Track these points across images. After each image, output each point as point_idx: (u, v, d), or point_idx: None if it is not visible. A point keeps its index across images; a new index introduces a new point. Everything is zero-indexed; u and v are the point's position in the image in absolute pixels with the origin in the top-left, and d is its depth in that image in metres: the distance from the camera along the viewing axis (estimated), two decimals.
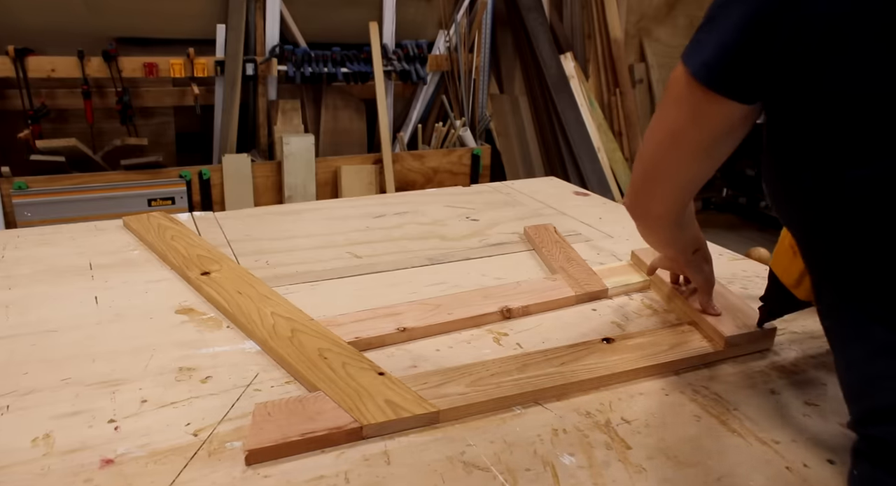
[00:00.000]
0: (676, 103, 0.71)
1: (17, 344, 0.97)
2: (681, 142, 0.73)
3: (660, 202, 0.83)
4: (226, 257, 1.26)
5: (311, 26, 3.29)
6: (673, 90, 0.70)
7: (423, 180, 3.50)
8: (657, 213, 0.85)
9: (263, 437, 0.74)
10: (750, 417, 0.83)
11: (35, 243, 1.36)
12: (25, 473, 0.71)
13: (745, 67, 0.64)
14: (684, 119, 0.71)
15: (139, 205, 2.93)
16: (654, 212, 0.85)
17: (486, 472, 0.73)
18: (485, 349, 0.98)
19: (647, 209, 0.85)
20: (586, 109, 3.80)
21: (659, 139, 0.76)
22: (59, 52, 2.85)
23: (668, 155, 0.75)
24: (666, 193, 0.81)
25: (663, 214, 0.85)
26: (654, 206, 0.84)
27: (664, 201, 0.82)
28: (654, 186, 0.81)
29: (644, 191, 0.82)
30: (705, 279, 1.01)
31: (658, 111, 0.75)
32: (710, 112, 0.68)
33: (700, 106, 0.68)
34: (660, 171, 0.78)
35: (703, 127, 0.70)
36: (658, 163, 0.78)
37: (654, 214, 0.85)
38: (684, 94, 0.68)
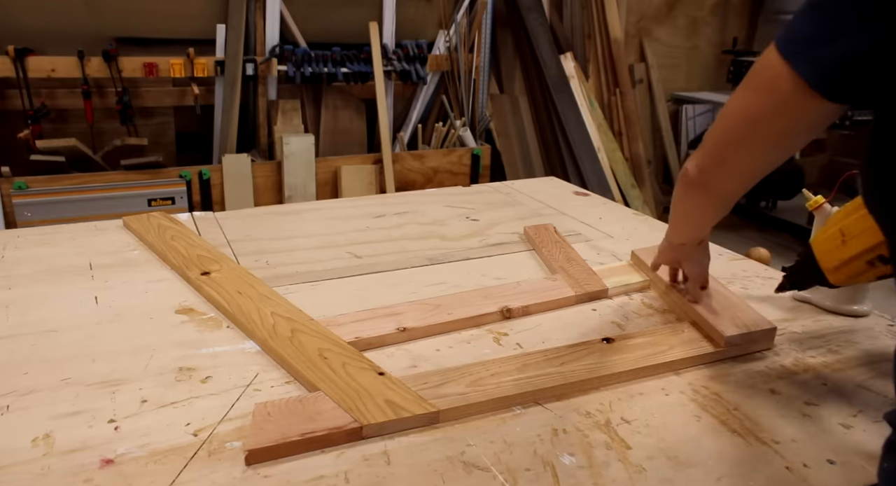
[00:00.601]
0: (769, 94, 0.67)
1: (17, 344, 0.96)
2: (760, 130, 0.71)
3: (727, 180, 0.81)
4: (226, 257, 1.26)
5: (311, 26, 3.29)
6: (765, 79, 0.67)
7: (423, 180, 3.50)
8: (720, 189, 0.83)
9: (263, 437, 0.74)
10: (750, 417, 0.83)
11: (35, 242, 1.36)
12: (25, 473, 0.71)
13: (866, 78, 0.60)
14: (771, 111, 0.68)
15: (139, 205, 2.93)
16: (718, 188, 0.83)
17: (486, 472, 0.73)
18: (485, 349, 0.98)
19: (712, 184, 0.83)
20: (586, 109, 3.80)
21: (737, 122, 0.73)
22: (59, 52, 2.85)
23: (743, 140, 0.74)
24: (735, 173, 0.79)
25: (726, 193, 0.83)
26: (719, 182, 0.82)
27: (731, 181, 0.81)
28: (724, 165, 0.79)
29: (713, 167, 0.80)
30: (700, 271, 1.03)
31: (740, 94, 0.72)
32: (808, 111, 0.65)
33: (798, 104, 0.65)
34: (733, 152, 0.76)
35: (791, 122, 0.68)
36: (733, 144, 0.75)
37: (717, 189, 0.83)
38: (784, 89, 0.65)
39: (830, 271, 0.97)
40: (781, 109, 0.67)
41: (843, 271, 0.95)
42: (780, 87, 0.65)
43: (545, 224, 1.46)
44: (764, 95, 0.68)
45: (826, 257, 0.97)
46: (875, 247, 0.91)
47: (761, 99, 0.69)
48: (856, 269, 0.94)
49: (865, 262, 0.93)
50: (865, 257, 0.92)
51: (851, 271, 0.95)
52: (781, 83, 0.65)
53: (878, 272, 0.93)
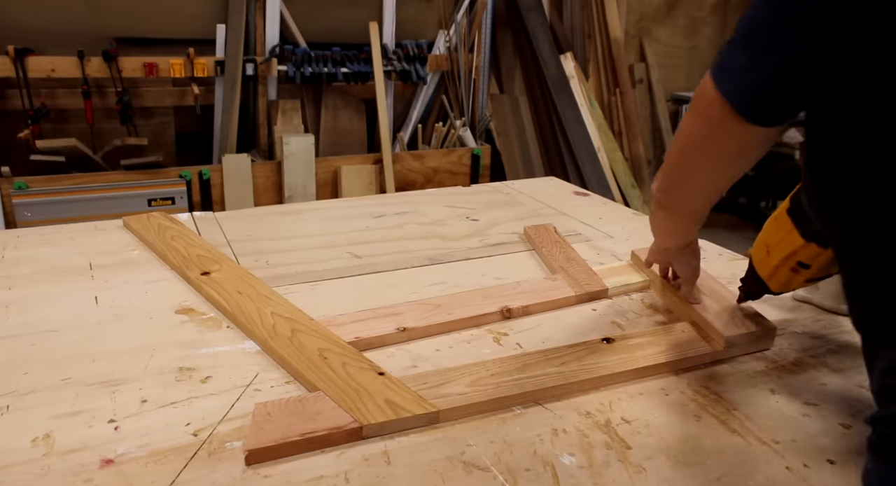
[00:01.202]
0: (705, 119, 0.70)
1: (17, 344, 0.96)
2: (707, 152, 0.74)
3: (689, 198, 0.86)
4: (226, 257, 1.26)
5: (311, 26, 3.29)
6: (702, 105, 0.70)
7: (423, 180, 3.50)
8: (686, 207, 0.88)
9: (263, 437, 0.74)
10: (750, 417, 0.83)
11: (35, 242, 1.36)
12: (25, 473, 0.71)
13: (788, 100, 0.63)
14: (711, 134, 0.71)
15: (139, 205, 2.93)
16: (683, 206, 0.88)
17: (486, 472, 0.73)
18: (485, 349, 0.98)
19: (676, 203, 0.88)
20: (586, 109, 3.80)
21: (686, 145, 0.77)
22: (59, 52, 2.85)
23: (694, 161, 0.78)
24: (695, 191, 0.83)
25: (692, 209, 0.88)
26: (682, 201, 0.87)
27: (693, 198, 0.85)
28: (682, 185, 0.83)
29: (672, 187, 0.85)
30: (692, 272, 1.04)
31: (686, 117, 0.75)
32: (741, 134, 0.68)
33: (732, 129, 0.68)
34: (688, 173, 0.81)
35: (731, 143, 0.70)
36: (686, 166, 0.80)
37: (682, 207, 0.88)
38: (716, 115, 0.68)
39: (767, 280, 0.98)
40: (718, 133, 0.70)
41: (776, 278, 0.96)
42: (713, 113, 0.68)
43: (545, 224, 1.46)
44: (703, 120, 0.71)
45: (760, 267, 0.98)
46: (792, 255, 0.92)
47: (701, 123, 0.72)
48: (784, 276, 0.95)
49: (789, 269, 0.94)
50: (787, 265, 0.93)
51: (782, 277, 0.96)
52: (714, 109, 0.67)
53: (804, 277, 0.94)
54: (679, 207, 0.89)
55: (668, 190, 0.86)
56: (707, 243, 1.41)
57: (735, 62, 0.65)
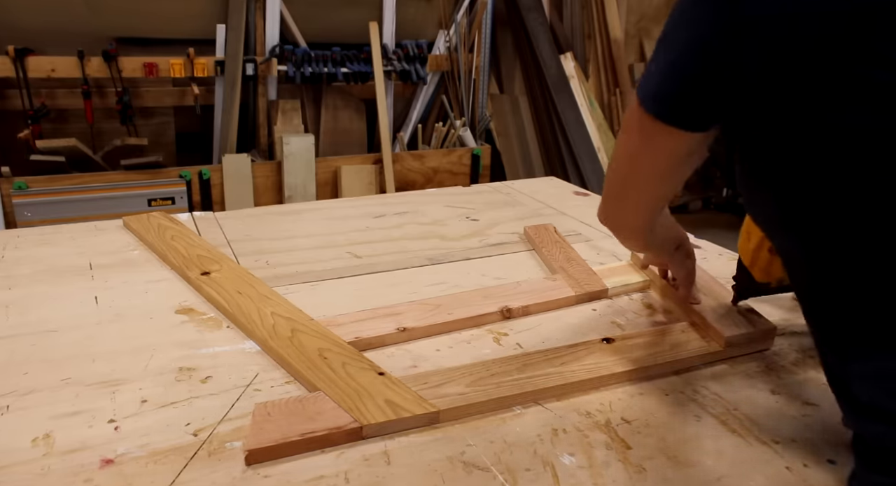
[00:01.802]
0: (630, 132, 0.71)
1: (17, 344, 0.96)
2: (639, 167, 0.74)
3: (631, 215, 0.85)
4: (226, 257, 1.26)
5: (311, 26, 3.29)
6: (632, 121, 0.69)
7: (423, 180, 3.50)
8: (630, 224, 0.88)
9: (263, 437, 0.74)
10: (750, 417, 0.83)
11: (35, 242, 1.35)
12: (25, 473, 0.71)
13: (694, 97, 0.62)
14: (637, 147, 0.71)
15: (139, 205, 2.93)
16: (627, 223, 0.88)
17: (486, 472, 0.73)
18: (485, 349, 0.98)
19: (620, 221, 0.87)
20: (586, 109, 3.80)
21: (619, 162, 0.77)
22: (59, 52, 2.85)
23: (629, 178, 0.77)
24: (634, 208, 0.83)
25: (635, 226, 0.87)
26: (625, 218, 0.86)
27: (634, 215, 0.85)
28: (621, 202, 0.83)
29: (614, 206, 0.84)
30: (687, 274, 1.03)
31: (620, 136, 0.75)
32: (663, 142, 0.68)
33: (652, 137, 0.67)
34: (625, 190, 0.80)
35: (657, 155, 0.70)
36: (622, 183, 0.79)
37: (627, 225, 0.88)
38: (634, 124, 0.68)
39: (750, 268, 0.98)
40: (650, 146, 0.69)
41: (757, 265, 0.97)
42: (643, 126, 0.67)
43: (545, 224, 1.46)
44: (634, 135, 0.70)
45: (743, 255, 0.99)
46: None
47: (633, 139, 0.71)
48: (764, 260, 0.95)
49: (767, 250, 0.94)
50: (765, 245, 0.94)
51: (762, 263, 0.96)
52: (643, 123, 0.67)
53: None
54: (625, 226, 0.88)
55: (609, 212, 0.85)
56: (707, 242, 1.41)
57: (648, 70, 0.66)
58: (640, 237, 0.92)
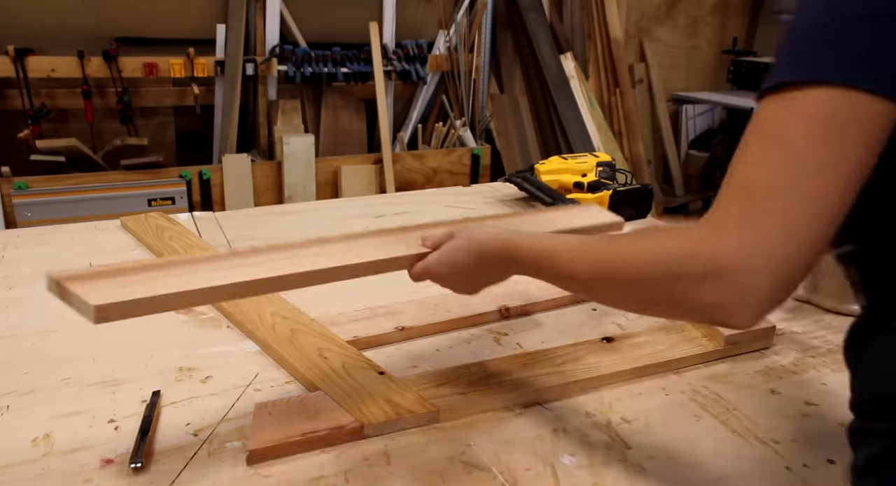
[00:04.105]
0: (828, 137, 0.51)
1: (17, 344, 0.97)
2: (841, 171, 0.52)
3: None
4: None
5: (311, 26, 3.29)
6: (815, 126, 0.51)
7: (423, 180, 3.50)
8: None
9: (264, 437, 0.74)
10: (750, 417, 0.83)
11: (35, 242, 1.35)
12: (25, 473, 0.71)
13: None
14: (850, 143, 0.51)
15: (139, 205, 2.93)
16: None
17: (486, 472, 0.73)
18: (485, 349, 0.98)
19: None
20: (586, 109, 3.80)
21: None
22: (59, 52, 2.85)
23: (850, 197, 0.53)
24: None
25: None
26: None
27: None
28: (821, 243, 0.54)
29: (821, 250, 0.55)
30: None
31: (792, 178, 0.52)
32: (884, 122, 0.51)
33: (872, 119, 0.51)
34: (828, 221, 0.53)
35: (876, 143, 0.52)
36: (841, 215, 0.53)
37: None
38: (845, 115, 0.51)
39: None
40: (864, 137, 0.52)
41: None
42: (841, 115, 0.51)
43: None
44: (827, 140, 0.52)
45: None
46: None
47: (825, 150, 0.52)
48: None
49: None
50: None
51: None
52: (844, 110, 0.51)
53: None
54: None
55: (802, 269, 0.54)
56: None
57: (824, 53, 0.52)
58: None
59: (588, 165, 1.66)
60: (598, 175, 1.63)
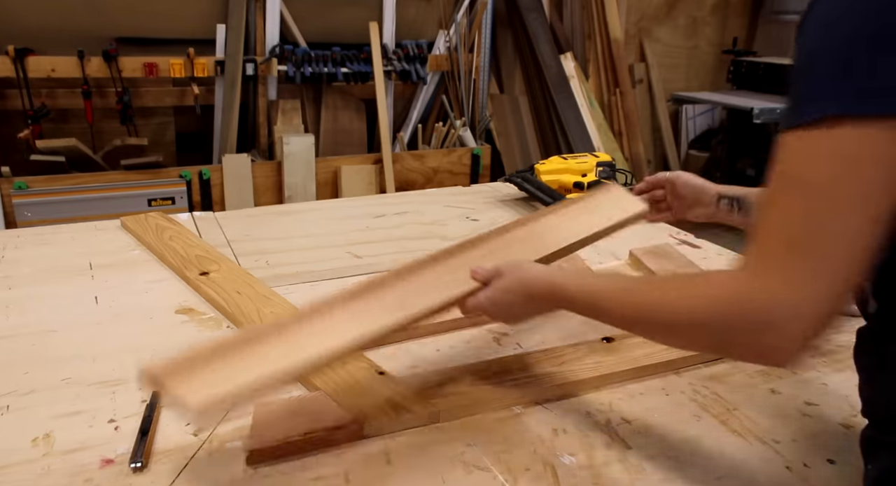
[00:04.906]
0: (850, 173, 0.51)
1: (17, 344, 0.96)
2: (869, 204, 0.52)
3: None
4: (224, 257, 1.26)
5: (311, 26, 3.29)
6: (874, 161, 0.51)
7: (423, 180, 3.50)
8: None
9: (264, 437, 0.74)
10: (750, 417, 0.83)
11: (35, 242, 1.35)
12: (25, 473, 0.71)
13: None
14: (873, 175, 0.51)
15: (139, 205, 2.93)
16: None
17: (486, 472, 0.72)
18: (485, 349, 0.98)
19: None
20: (586, 109, 3.80)
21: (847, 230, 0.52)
22: (59, 52, 2.85)
23: (879, 232, 0.53)
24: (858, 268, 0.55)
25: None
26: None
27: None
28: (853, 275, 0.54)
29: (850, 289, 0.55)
30: None
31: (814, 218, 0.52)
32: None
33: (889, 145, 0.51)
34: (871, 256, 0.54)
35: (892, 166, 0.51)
36: (872, 251, 0.53)
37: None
38: (860, 147, 0.51)
39: None
40: (885, 162, 0.51)
41: None
42: (864, 147, 0.51)
43: None
44: (851, 173, 0.52)
45: None
46: None
47: (849, 185, 0.52)
48: None
49: None
50: None
51: None
52: (866, 142, 0.51)
53: None
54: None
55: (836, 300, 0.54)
56: (707, 242, 1.41)
57: (841, 86, 0.52)
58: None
59: (588, 165, 1.66)
60: (598, 175, 1.63)
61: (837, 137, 0.51)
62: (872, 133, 0.50)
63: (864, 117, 0.50)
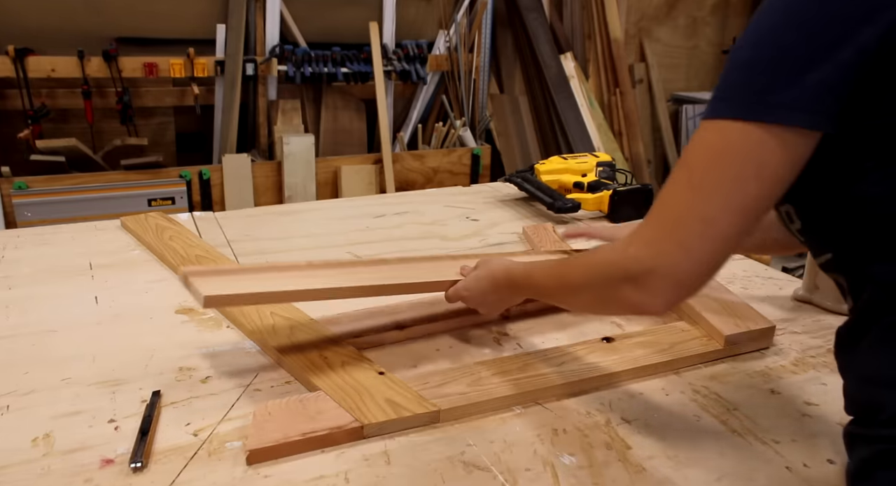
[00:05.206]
0: (760, 168, 0.59)
1: (17, 344, 0.97)
2: (735, 194, 0.60)
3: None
4: (224, 257, 1.26)
5: (311, 26, 3.29)
6: (745, 159, 0.59)
7: (423, 180, 3.50)
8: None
9: (265, 437, 0.74)
10: (750, 417, 0.83)
11: (35, 242, 1.35)
12: (25, 473, 0.71)
13: (839, 99, 0.57)
14: (776, 175, 0.59)
15: (139, 205, 2.93)
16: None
17: (486, 472, 0.73)
18: (485, 349, 0.98)
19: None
20: (586, 109, 3.80)
21: (734, 221, 0.61)
22: (59, 52, 2.85)
23: (744, 224, 0.61)
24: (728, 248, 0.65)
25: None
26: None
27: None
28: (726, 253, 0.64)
29: (716, 261, 0.64)
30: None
31: (714, 201, 0.60)
32: (807, 150, 0.59)
33: (797, 149, 0.59)
34: (737, 239, 0.63)
35: (796, 167, 0.60)
36: (736, 235, 0.62)
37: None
38: (776, 149, 0.58)
39: None
40: (789, 164, 0.59)
41: None
42: (772, 149, 0.58)
43: (544, 224, 1.46)
44: (758, 173, 0.60)
45: None
46: None
47: (755, 182, 0.60)
48: None
49: None
50: None
51: None
52: (773, 145, 0.58)
53: None
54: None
55: (708, 266, 0.63)
56: None
57: (761, 92, 0.60)
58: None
59: (588, 165, 1.66)
60: (598, 175, 1.63)
61: (724, 133, 0.60)
62: (753, 135, 0.58)
63: (749, 122, 0.58)
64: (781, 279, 1.25)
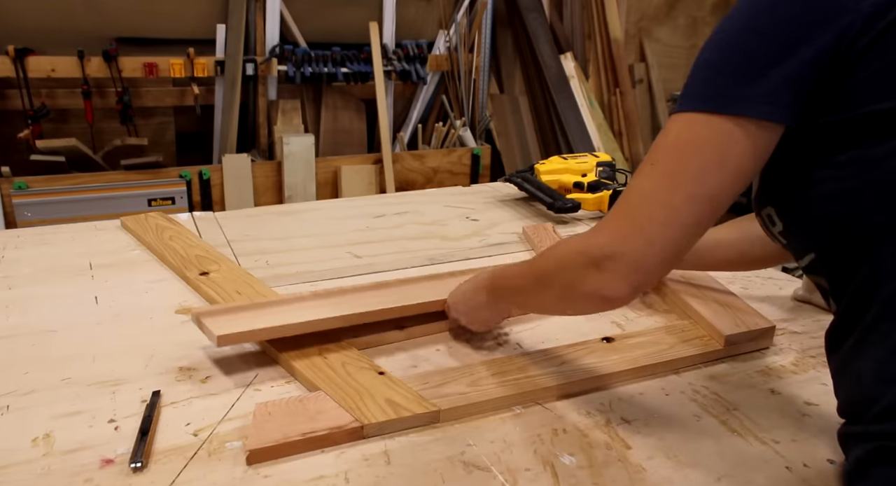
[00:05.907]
0: (724, 159, 0.61)
1: (17, 344, 0.96)
2: (696, 185, 0.63)
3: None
4: (224, 257, 1.26)
5: (311, 26, 3.30)
6: (710, 150, 0.61)
7: (423, 180, 3.50)
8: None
9: (264, 437, 0.74)
10: (750, 417, 0.83)
11: (35, 242, 1.35)
12: (25, 473, 0.71)
13: (806, 93, 0.60)
14: (739, 166, 0.62)
15: (139, 205, 2.93)
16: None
17: (486, 472, 0.73)
18: (485, 349, 0.98)
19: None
20: (586, 109, 3.80)
21: (696, 209, 0.64)
22: (59, 52, 2.85)
23: (706, 212, 0.64)
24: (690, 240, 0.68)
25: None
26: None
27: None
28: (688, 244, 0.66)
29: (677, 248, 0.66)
30: None
31: (680, 192, 0.62)
32: (770, 142, 0.62)
33: (761, 142, 0.61)
34: (699, 228, 0.66)
35: (759, 159, 0.62)
36: (697, 224, 0.65)
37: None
38: (741, 139, 0.60)
39: None
40: (753, 156, 0.62)
41: None
42: (739, 139, 0.61)
43: (544, 224, 1.46)
44: (721, 162, 0.63)
45: None
46: None
47: (718, 172, 0.63)
48: None
49: None
50: None
51: None
52: (739, 136, 0.61)
53: None
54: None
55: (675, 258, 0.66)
56: None
57: (725, 87, 0.63)
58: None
59: (588, 165, 1.66)
60: (598, 175, 1.63)
61: (691, 124, 0.63)
62: (719, 127, 0.61)
63: (715, 114, 0.61)
64: (781, 279, 1.25)
